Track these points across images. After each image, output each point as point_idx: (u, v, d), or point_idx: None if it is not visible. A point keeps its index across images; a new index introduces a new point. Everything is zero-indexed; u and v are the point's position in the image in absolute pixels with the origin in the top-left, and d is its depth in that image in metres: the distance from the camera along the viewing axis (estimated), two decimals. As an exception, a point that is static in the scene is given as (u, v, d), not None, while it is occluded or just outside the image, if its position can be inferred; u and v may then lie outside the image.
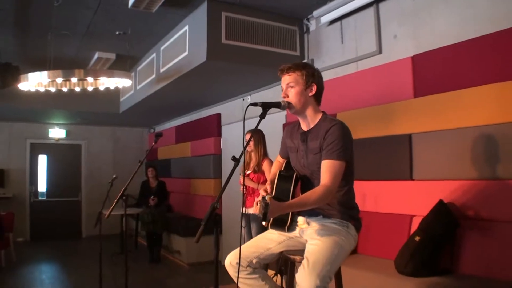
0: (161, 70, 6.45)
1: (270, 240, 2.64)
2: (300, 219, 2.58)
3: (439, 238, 3.48)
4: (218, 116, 8.04)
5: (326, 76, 5.24)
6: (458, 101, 3.71)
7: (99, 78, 5.52)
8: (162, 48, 6.42)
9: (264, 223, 2.15)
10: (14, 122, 10.11)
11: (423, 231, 3.56)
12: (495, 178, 3.44)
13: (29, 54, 6.90)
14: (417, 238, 3.55)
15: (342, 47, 5.09)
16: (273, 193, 2.53)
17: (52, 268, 7.61)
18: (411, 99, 4.17)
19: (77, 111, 9.02)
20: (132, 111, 8.66)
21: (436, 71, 3.97)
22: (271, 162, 4.53)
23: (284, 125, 5.78)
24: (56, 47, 6.26)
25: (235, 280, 2.49)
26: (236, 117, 7.37)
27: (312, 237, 2.44)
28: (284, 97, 2.57)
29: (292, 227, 2.56)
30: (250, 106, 2.43)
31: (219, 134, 8.00)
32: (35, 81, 5.33)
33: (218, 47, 5.09)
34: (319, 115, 2.60)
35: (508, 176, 3.35)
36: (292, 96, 2.55)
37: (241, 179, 4.60)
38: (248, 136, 4.65)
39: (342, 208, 2.51)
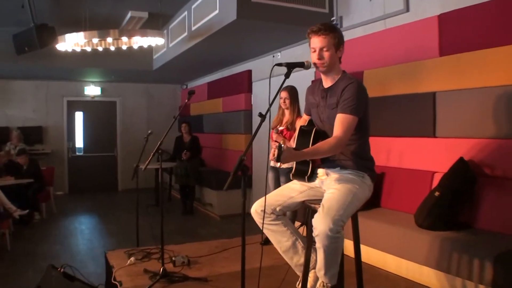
0: (193, 28, 6.58)
1: (293, 190, 2.87)
2: (320, 171, 2.79)
3: (457, 194, 3.62)
4: (249, 72, 8.16)
5: (355, 33, 5.31)
6: (483, 60, 3.74)
7: (132, 37, 5.70)
8: (193, 6, 6.52)
9: (278, 164, 2.35)
10: (51, 81, 10.49)
11: (442, 187, 3.70)
12: (515, 137, 3.52)
13: (63, 15, 7.11)
14: (436, 193, 3.69)
15: (370, 4, 5.09)
16: (294, 145, 2.76)
17: (90, 219, 8.13)
18: (436, 58, 4.21)
19: (111, 69, 9.29)
20: (164, 69, 8.87)
21: (462, 31, 3.98)
22: None
23: (313, 81, 5.87)
24: (90, 7, 6.44)
25: (260, 226, 2.75)
26: (266, 74, 7.48)
27: (329, 187, 2.65)
28: (319, 58, 2.67)
29: (312, 178, 2.77)
30: (275, 66, 2.58)
31: (249, 90, 8.15)
32: (72, 42, 5.57)
33: (247, 5, 5.16)
34: (340, 73, 2.75)
35: (528, 136, 3.43)
36: (327, 58, 2.66)
37: (273, 135, 4.78)
38: (284, 94, 4.78)
39: (357, 159, 2.70)
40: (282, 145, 2.30)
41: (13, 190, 7.19)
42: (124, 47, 6.34)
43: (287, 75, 2.55)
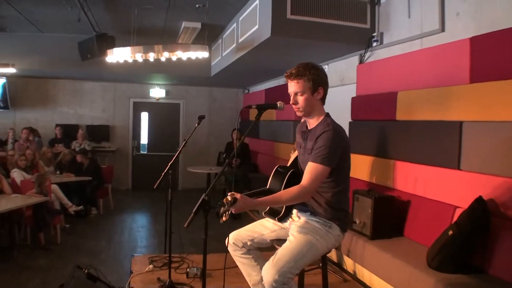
0: (240, 40, 6.67)
1: (265, 228, 2.89)
2: (294, 212, 2.76)
3: (470, 236, 3.37)
4: (301, 83, 8.07)
5: (393, 51, 5.14)
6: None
7: (175, 52, 5.90)
8: (240, 19, 6.61)
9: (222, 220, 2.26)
10: (118, 83, 11.11)
11: (457, 226, 3.46)
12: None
13: (121, 25, 7.50)
14: (450, 232, 3.46)
15: (409, 22, 4.86)
16: (268, 186, 2.74)
17: (142, 218, 8.53)
18: (466, 84, 3.93)
19: (172, 75, 9.62)
20: (221, 75, 9.05)
21: (495, 56, 3.66)
22: None
23: (353, 98, 5.73)
24: (145, 18, 6.76)
25: (233, 256, 2.92)
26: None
27: (292, 233, 2.61)
28: (294, 104, 2.65)
29: (284, 219, 2.74)
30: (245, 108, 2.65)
31: (300, 101, 8.07)
32: (119, 55, 5.88)
33: (282, 22, 5.14)
34: (322, 117, 2.67)
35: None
36: (302, 103, 2.65)
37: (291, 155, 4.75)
38: None
39: (329, 208, 2.62)
40: (225, 203, 2.21)
41: (73, 187, 7.77)
42: (174, 58, 6.56)
43: (257, 117, 2.56)
